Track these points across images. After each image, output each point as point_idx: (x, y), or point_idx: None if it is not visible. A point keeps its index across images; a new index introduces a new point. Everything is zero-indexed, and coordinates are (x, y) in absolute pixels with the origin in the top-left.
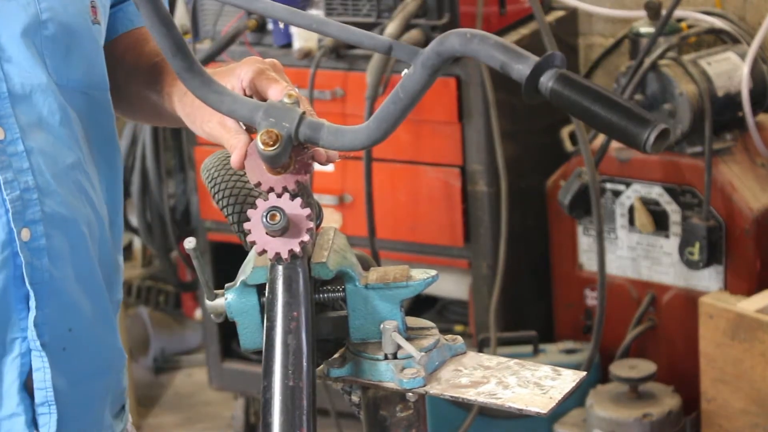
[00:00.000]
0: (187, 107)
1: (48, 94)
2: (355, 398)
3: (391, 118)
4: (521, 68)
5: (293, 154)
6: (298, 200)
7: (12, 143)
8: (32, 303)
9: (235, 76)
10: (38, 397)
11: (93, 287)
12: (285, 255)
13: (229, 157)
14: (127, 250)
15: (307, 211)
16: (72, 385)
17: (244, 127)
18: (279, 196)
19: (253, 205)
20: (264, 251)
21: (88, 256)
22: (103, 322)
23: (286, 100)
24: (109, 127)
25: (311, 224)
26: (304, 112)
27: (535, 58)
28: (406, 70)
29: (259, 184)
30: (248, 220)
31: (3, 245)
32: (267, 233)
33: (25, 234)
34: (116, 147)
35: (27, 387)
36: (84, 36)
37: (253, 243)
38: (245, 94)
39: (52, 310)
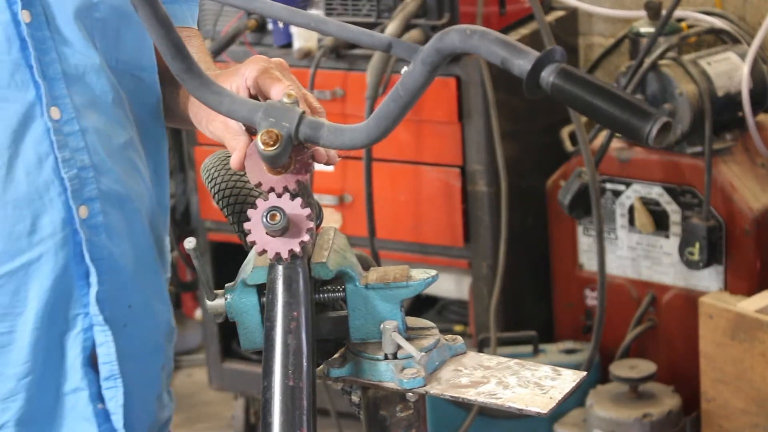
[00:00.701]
0: (195, 106)
1: (101, 75)
2: (355, 398)
3: (391, 116)
4: (522, 63)
5: (293, 153)
6: (298, 200)
7: (68, 123)
8: (93, 279)
9: (239, 75)
10: (104, 371)
11: (149, 264)
12: (285, 255)
13: (229, 157)
14: None
15: (307, 211)
16: (134, 360)
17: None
18: (279, 196)
19: (253, 205)
20: (264, 251)
21: (144, 232)
22: (160, 299)
23: (285, 99)
24: (156, 108)
25: (311, 224)
26: (303, 112)
27: (535, 53)
28: (405, 68)
29: (259, 185)
30: (248, 220)
31: (63, 223)
32: (267, 233)
33: (83, 211)
34: (163, 128)
35: (91, 362)
36: (133, 19)
37: (253, 243)
38: (249, 93)
39: (111, 286)
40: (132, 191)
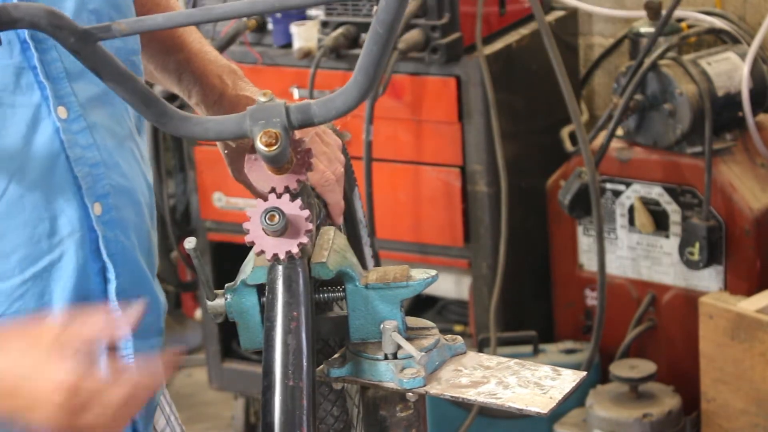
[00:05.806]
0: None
1: None
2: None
3: (376, 59)
4: None
5: (292, 147)
6: (298, 201)
7: (75, 120)
8: (111, 274)
9: None
10: None
11: (150, 253)
12: (282, 255)
13: None
14: None
15: (306, 212)
16: (142, 349)
17: (235, 145)
18: (293, 198)
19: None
20: (262, 252)
21: (145, 224)
22: (157, 285)
23: (262, 98)
24: None
25: (310, 225)
26: (285, 102)
27: None
28: (376, 6)
29: (272, 190)
30: None
31: (80, 221)
32: (266, 233)
33: (98, 208)
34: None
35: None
36: (122, 5)
37: (252, 244)
38: None
39: (125, 279)
40: (135, 183)
